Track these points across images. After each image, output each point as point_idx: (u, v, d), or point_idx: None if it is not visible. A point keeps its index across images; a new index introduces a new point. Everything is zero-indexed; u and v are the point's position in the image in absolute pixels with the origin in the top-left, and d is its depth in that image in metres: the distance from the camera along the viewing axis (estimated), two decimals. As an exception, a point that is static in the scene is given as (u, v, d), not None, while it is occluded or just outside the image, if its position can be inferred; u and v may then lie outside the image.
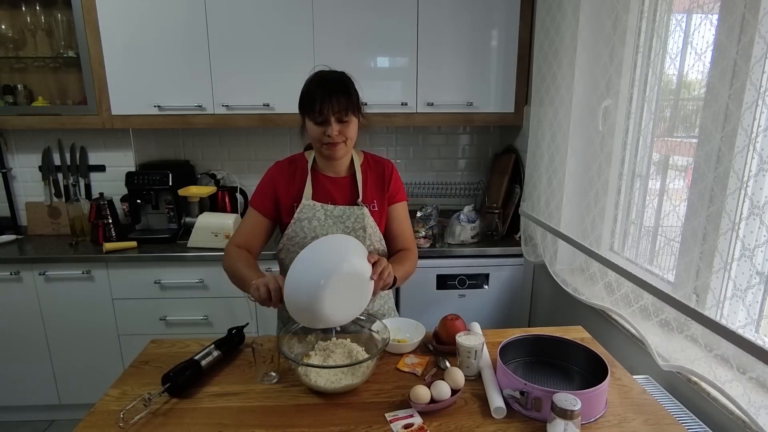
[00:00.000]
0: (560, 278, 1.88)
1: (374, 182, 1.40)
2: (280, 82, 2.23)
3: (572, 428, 0.89)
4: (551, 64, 1.87)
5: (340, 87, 1.22)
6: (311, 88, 1.23)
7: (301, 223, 1.32)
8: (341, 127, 1.24)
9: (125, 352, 2.26)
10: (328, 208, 1.33)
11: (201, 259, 2.15)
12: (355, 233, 1.33)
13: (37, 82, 2.39)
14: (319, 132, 1.24)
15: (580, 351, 1.16)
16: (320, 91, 1.20)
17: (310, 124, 1.25)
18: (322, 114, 1.21)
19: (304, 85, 1.27)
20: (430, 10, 2.18)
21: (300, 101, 1.26)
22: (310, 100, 1.21)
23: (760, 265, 1.13)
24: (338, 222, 1.33)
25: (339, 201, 1.36)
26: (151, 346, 1.33)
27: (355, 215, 1.34)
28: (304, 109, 1.25)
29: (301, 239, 1.32)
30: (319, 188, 1.35)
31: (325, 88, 1.21)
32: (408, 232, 1.45)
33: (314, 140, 1.27)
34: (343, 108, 1.21)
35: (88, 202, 2.34)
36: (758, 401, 1.02)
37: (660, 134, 1.52)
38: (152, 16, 2.13)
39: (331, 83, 1.22)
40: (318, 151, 1.32)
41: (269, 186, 1.36)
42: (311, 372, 1.10)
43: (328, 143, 1.25)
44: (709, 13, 1.26)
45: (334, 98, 1.20)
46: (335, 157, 1.29)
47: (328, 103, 1.20)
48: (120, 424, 0.98)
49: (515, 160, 2.43)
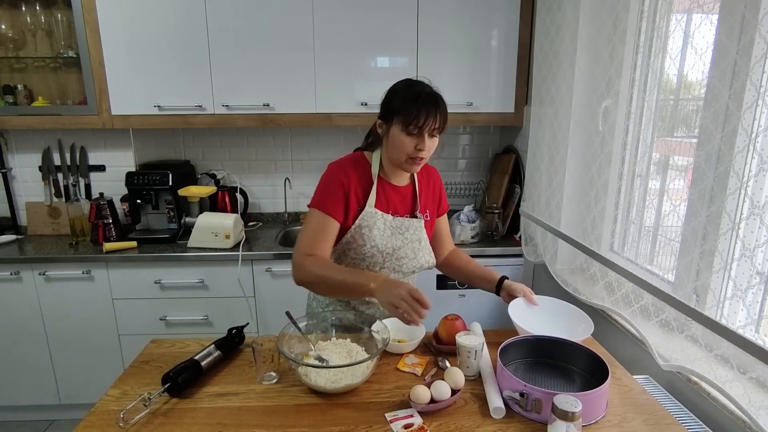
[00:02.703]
0: (560, 278, 1.88)
1: (428, 193, 1.43)
2: (280, 82, 2.23)
3: (573, 430, 0.88)
4: (551, 64, 1.87)
5: (441, 105, 1.21)
6: (414, 99, 1.19)
7: (362, 229, 1.30)
8: (430, 143, 1.23)
9: (125, 352, 2.26)
10: (388, 217, 1.32)
11: (201, 259, 2.15)
12: (411, 245, 1.35)
13: (37, 82, 2.39)
14: (411, 144, 1.21)
15: (581, 352, 1.15)
16: (425, 106, 1.18)
17: (401, 135, 1.21)
18: (421, 127, 1.19)
19: (397, 93, 1.24)
20: (430, 10, 2.18)
21: (394, 109, 1.22)
22: (413, 111, 1.18)
23: (760, 265, 1.13)
24: (396, 233, 1.33)
25: (399, 211, 1.36)
26: (151, 346, 1.33)
27: (414, 227, 1.36)
28: (401, 119, 1.20)
29: (359, 246, 1.30)
30: (382, 196, 1.33)
31: (430, 103, 1.19)
32: (449, 235, 1.56)
33: (399, 150, 1.23)
34: (439, 126, 1.21)
35: (88, 202, 2.34)
36: (758, 401, 1.02)
37: (660, 134, 1.52)
38: (152, 16, 2.13)
39: (434, 98, 1.21)
40: (398, 161, 1.27)
41: (340, 189, 1.28)
42: (311, 372, 1.10)
43: (413, 157, 1.23)
44: (709, 13, 1.26)
45: (439, 115, 1.19)
46: (414, 170, 1.29)
47: (432, 119, 1.18)
48: (120, 424, 0.98)
49: (515, 160, 2.43)
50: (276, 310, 2.25)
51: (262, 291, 2.22)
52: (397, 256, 1.33)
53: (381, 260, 1.32)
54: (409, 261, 1.35)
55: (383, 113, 1.27)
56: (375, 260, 1.32)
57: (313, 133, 2.66)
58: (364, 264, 1.33)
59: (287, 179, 2.66)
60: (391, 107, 1.23)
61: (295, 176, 2.70)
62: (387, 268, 1.34)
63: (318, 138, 2.66)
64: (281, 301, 2.22)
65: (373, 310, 1.42)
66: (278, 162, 2.69)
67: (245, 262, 2.17)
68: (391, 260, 1.33)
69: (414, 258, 1.36)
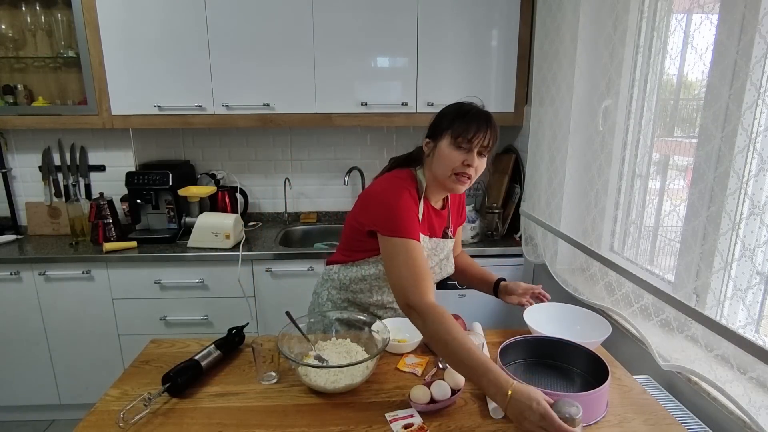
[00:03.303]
0: (560, 278, 1.88)
1: (455, 209, 1.43)
2: (280, 82, 2.23)
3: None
4: (551, 64, 1.87)
5: (492, 122, 1.19)
6: (465, 114, 1.18)
7: None
8: (479, 162, 1.19)
9: (125, 352, 2.26)
10: (427, 240, 1.30)
11: (201, 259, 2.15)
12: (440, 263, 1.35)
13: (37, 82, 2.39)
14: (459, 159, 1.17)
15: (581, 352, 1.15)
16: (476, 120, 1.16)
17: (450, 150, 1.17)
18: (471, 140, 1.15)
19: (447, 112, 1.22)
20: (430, 10, 2.18)
21: (443, 126, 1.19)
22: (464, 125, 1.16)
23: (760, 265, 1.13)
24: (432, 254, 1.32)
25: (437, 233, 1.35)
26: (151, 346, 1.33)
27: (447, 247, 1.35)
28: (450, 132, 1.17)
29: None
30: (426, 219, 1.29)
31: (481, 118, 1.17)
32: (460, 240, 1.56)
33: (446, 166, 1.18)
34: (489, 143, 1.17)
35: (88, 202, 2.34)
36: (758, 401, 1.02)
37: (660, 134, 1.52)
38: (152, 16, 2.13)
39: (486, 115, 1.19)
40: (443, 178, 1.21)
41: (415, 217, 1.21)
42: (311, 372, 1.10)
43: (460, 173, 1.18)
44: (709, 13, 1.26)
45: (489, 131, 1.16)
46: (459, 190, 1.23)
47: (483, 134, 1.15)
48: (120, 424, 0.98)
49: (515, 160, 2.43)
50: (276, 310, 2.25)
51: (262, 291, 2.22)
52: None
53: None
54: (435, 277, 1.36)
55: (431, 132, 1.24)
56: None
57: (313, 133, 2.66)
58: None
59: (287, 179, 2.66)
60: (440, 124, 1.20)
61: (295, 176, 2.70)
62: None
63: (318, 138, 2.67)
64: (281, 301, 2.22)
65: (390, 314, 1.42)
66: (278, 162, 2.69)
67: (245, 262, 2.17)
68: None
69: (440, 273, 1.37)
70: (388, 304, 1.41)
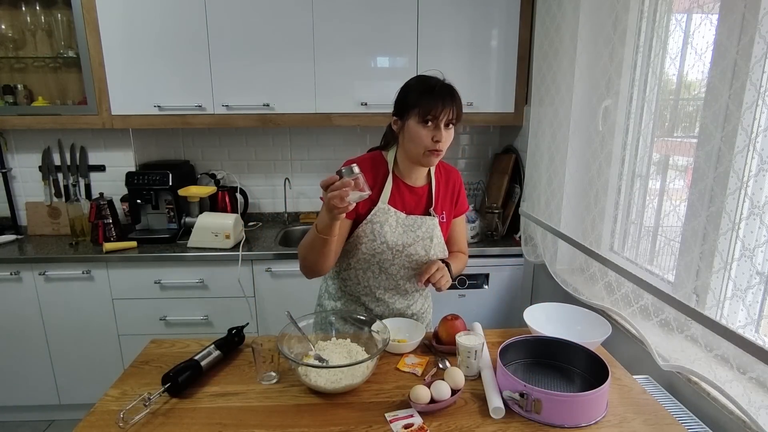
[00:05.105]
0: (560, 278, 1.88)
1: (446, 194, 1.42)
2: (280, 82, 2.23)
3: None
4: (551, 64, 1.87)
5: (456, 95, 1.22)
6: (429, 91, 1.19)
7: (373, 225, 1.30)
8: (447, 134, 1.22)
9: (125, 352, 2.26)
10: (401, 215, 1.32)
11: (201, 259, 2.15)
12: (422, 242, 1.34)
13: (37, 82, 2.39)
14: (428, 136, 1.20)
15: (581, 352, 1.15)
16: (440, 96, 1.18)
17: (417, 127, 1.20)
18: (438, 117, 1.18)
19: (410, 87, 1.24)
20: (430, 10, 2.18)
21: (409, 103, 1.22)
22: (429, 102, 1.18)
23: (760, 265, 1.13)
24: (408, 230, 1.33)
25: (414, 210, 1.36)
26: (151, 346, 1.33)
27: (426, 225, 1.35)
28: (417, 111, 1.19)
29: (370, 241, 1.31)
30: (397, 194, 1.33)
31: (445, 93, 1.20)
32: (464, 238, 1.52)
33: (417, 144, 1.22)
34: (455, 116, 1.21)
35: (88, 202, 2.34)
36: (758, 401, 1.02)
37: (660, 134, 1.52)
38: (152, 16, 2.13)
39: (449, 89, 1.22)
40: (416, 155, 1.25)
41: None
42: (311, 372, 1.10)
43: (432, 149, 1.21)
44: (709, 13, 1.26)
45: (454, 105, 1.20)
46: (433, 163, 1.27)
47: (448, 109, 1.18)
48: (120, 424, 0.98)
49: (515, 160, 2.43)
50: (276, 310, 2.25)
51: (262, 291, 2.22)
52: (407, 252, 1.33)
53: (391, 257, 1.32)
54: (420, 258, 1.35)
55: (397, 110, 1.26)
56: (385, 256, 1.32)
57: (312, 133, 2.66)
58: (374, 259, 1.33)
59: (287, 179, 2.66)
60: (406, 102, 1.23)
61: (294, 176, 2.70)
62: (397, 265, 1.35)
63: (318, 138, 2.66)
64: (281, 301, 2.22)
65: (382, 308, 1.42)
66: (278, 162, 2.69)
67: (245, 262, 2.17)
68: (401, 257, 1.33)
69: (425, 255, 1.35)
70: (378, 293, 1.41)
